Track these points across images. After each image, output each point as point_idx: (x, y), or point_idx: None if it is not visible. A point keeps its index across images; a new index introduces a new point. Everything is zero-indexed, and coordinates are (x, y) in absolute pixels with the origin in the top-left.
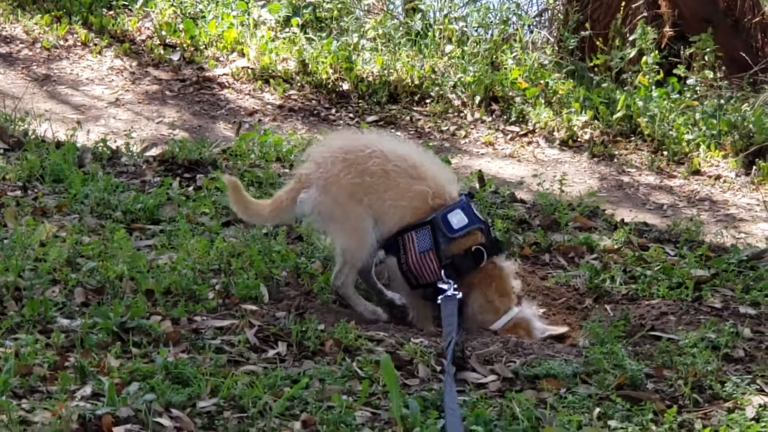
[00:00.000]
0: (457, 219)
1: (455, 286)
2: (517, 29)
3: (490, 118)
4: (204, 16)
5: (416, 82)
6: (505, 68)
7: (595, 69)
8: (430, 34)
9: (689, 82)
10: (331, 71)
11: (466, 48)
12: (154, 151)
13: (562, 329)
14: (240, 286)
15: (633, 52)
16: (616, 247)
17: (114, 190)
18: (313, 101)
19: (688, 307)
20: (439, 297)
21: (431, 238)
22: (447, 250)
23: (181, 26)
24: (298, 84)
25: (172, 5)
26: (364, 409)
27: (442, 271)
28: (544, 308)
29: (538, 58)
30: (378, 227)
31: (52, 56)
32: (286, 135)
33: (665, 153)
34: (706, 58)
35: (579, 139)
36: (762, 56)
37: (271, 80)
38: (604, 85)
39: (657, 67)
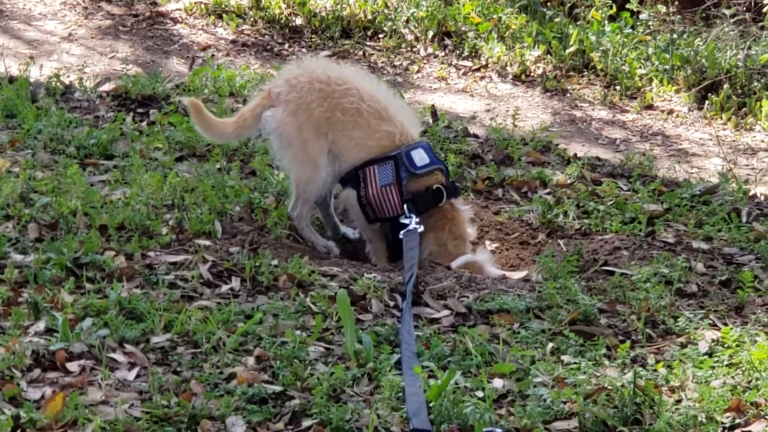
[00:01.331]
0: (420, 157)
1: (417, 220)
2: None
3: (442, 53)
4: None
5: (369, 17)
6: (458, 3)
7: (548, 4)
8: None
9: (642, 16)
10: (284, 6)
11: None
12: (107, 87)
13: (520, 274)
14: (193, 221)
15: None
16: (569, 181)
17: (67, 126)
18: (266, 36)
19: (641, 242)
20: (401, 231)
21: (394, 173)
22: (408, 186)
23: None
24: (251, 19)
25: None
26: (317, 344)
27: (405, 206)
28: (497, 243)
29: None
30: (338, 163)
31: None
32: (239, 70)
33: (618, 88)
34: None
35: (532, 74)
36: None
37: (224, 15)
38: (557, 19)
39: (609, 1)
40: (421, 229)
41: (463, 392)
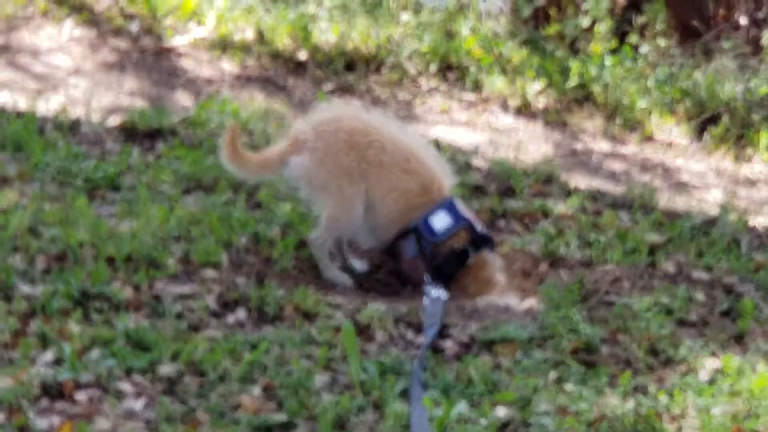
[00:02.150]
0: (440, 221)
1: (442, 289)
2: None
3: (445, 87)
4: None
5: (372, 51)
6: (460, 37)
7: (549, 38)
8: (385, 3)
9: (642, 50)
10: (288, 41)
11: (421, 18)
12: (114, 120)
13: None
14: (200, 252)
15: (586, 21)
16: (570, 213)
17: (75, 159)
18: (271, 70)
19: (642, 272)
20: (425, 299)
21: (416, 244)
22: (434, 253)
23: None
24: (256, 53)
25: None
26: (322, 373)
27: (425, 277)
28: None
29: (493, 28)
30: (369, 212)
31: (11, 26)
32: (244, 104)
33: (618, 120)
34: (658, 26)
35: (533, 107)
36: (714, 24)
37: (229, 50)
38: (558, 53)
39: (610, 35)
40: (444, 297)
41: (467, 421)
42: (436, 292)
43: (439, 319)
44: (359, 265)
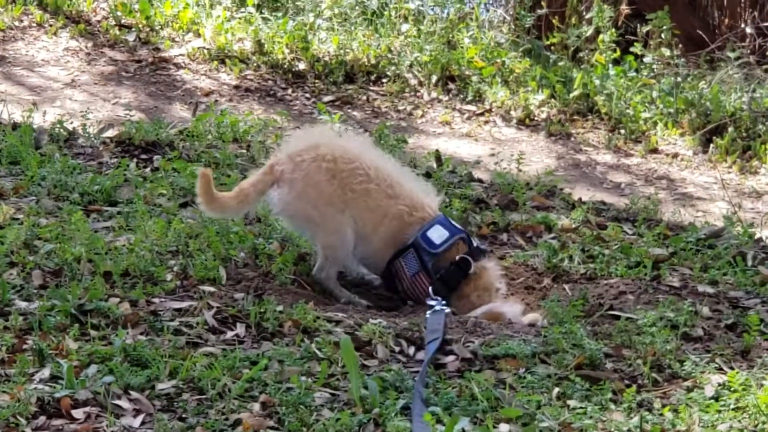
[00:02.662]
0: (438, 234)
1: (444, 302)
2: (473, 8)
3: (446, 98)
4: None
5: (372, 61)
6: (462, 47)
7: (552, 47)
8: (386, 13)
9: (646, 60)
10: (287, 51)
11: (422, 27)
12: (110, 133)
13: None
14: (198, 267)
15: (589, 31)
16: (573, 226)
17: (71, 172)
18: (270, 81)
19: (647, 286)
20: (427, 312)
21: (417, 260)
22: (435, 266)
23: (137, 6)
24: (254, 64)
25: None
26: (323, 390)
27: (431, 288)
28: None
29: (495, 37)
30: (359, 242)
31: (7, 37)
32: (242, 115)
33: (622, 131)
34: (662, 35)
35: (536, 118)
36: (718, 34)
37: (227, 60)
38: (561, 63)
39: (614, 45)
40: (447, 310)
41: None
42: (439, 305)
43: (441, 333)
44: (375, 278)
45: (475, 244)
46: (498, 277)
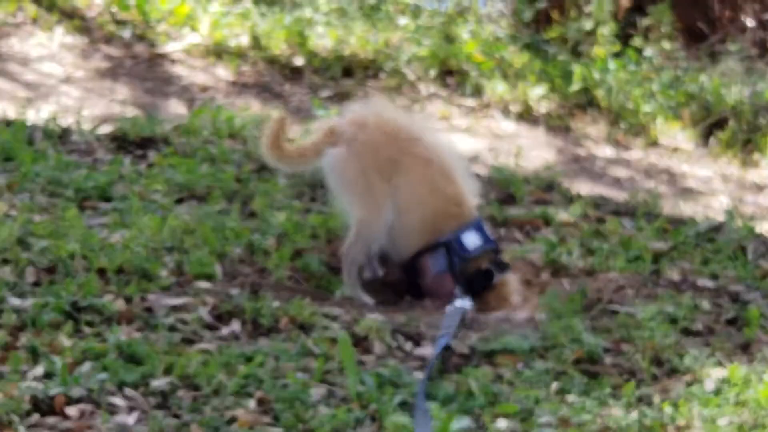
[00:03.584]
0: (472, 240)
1: (470, 302)
2: (471, 1)
3: (445, 92)
4: None
5: (370, 56)
6: (460, 41)
7: (551, 41)
8: (383, 7)
9: (646, 53)
10: (284, 46)
11: (420, 21)
12: (105, 129)
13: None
14: (193, 263)
15: (589, 24)
16: (572, 220)
17: (65, 168)
18: (267, 77)
19: (646, 280)
20: (447, 307)
21: (446, 259)
22: (462, 271)
23: (132, 2)
24: (251, 59)
25: None
26: (319, 386)
27: (456, 289)
28: None
29: (494, 31)
30: (396, 216)
31: (1, 33)
32: (239, 111)
33: (622, 125)
34: (663, 29)
35: (535, 112)
36: (719, 27)
37: (224, 56)
38: (561, 57)
39: (614, 38)
40: (468, 306)
41: None
42: (462, 303)
43: (453, 330)
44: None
45: (501, 258)
46: (517, 290)
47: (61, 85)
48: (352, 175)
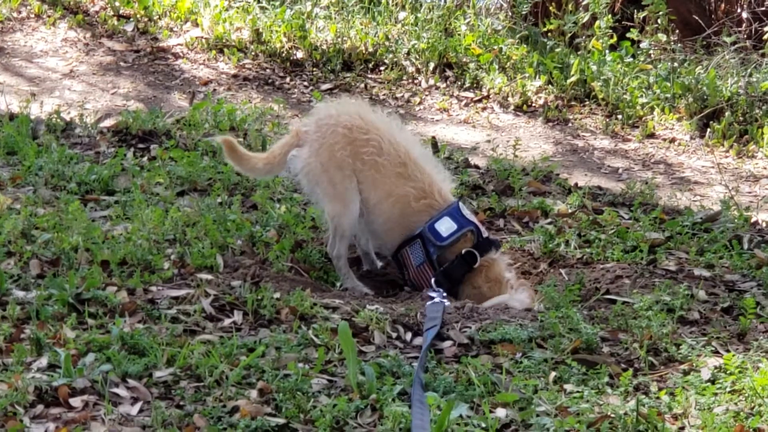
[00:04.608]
0: (446, 226)
1: (444, 294)
2: None
3: (444, 85)
4: None
5: (370, 49)
6: (459, 34)
7: (549, 34)
8: (383, 1)
9: (643, 45)
10: (285, 40)
11: (419, 15)
12: (108, 122)
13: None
14: (195, 255)
15: (586, 17)
16: (570, 211)
17: (68, 162)
18: (268, 70)
19: (643, 270)
20: (427, 303)
21: (423, 251)
22: (441, 259)
23: None
24: (252, 53)
25: None
26: (320, 376)
27: (433, 280)
28: None
29: (492, 24)
30: (365, 217)
31: (5, 28)
32: (240, 104)
33: (619, 117)
34: (659, 21)
35: (533, 104)
36: (715, 19)
37: (226, 50)
38: (558, 49)
39: (610, 31)
40: (447, 303)
41: (467, 423)
42: (439, 296)
43: (439, 321)
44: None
45: (485, 236)
46: (507, 268)
47: (64, 80)
48: (313, 172)
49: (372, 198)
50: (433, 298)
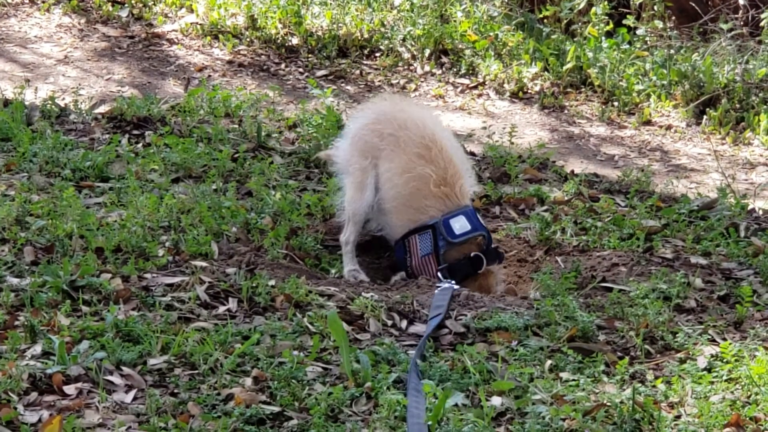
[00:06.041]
0: (460, 225)
1: (453, 282)
2: None
3: (440, 71)
4: None
5: (365, 35)
6: (455, 21)
7: (545, 20)
8: None
9: (639, 32)
10: (280, 26)
11: (414, 1)
12: (102, 109)
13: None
14: (190, 242)
15: (582, 3)
16: (566, 198)
17: (63, 148)
18: (263, 56)
19: (639, 257)
20: (436, 288)
21: (432, 242)
22: (447, 255)
23: None
24: (248, 39)
25: None
26: (315, 364)
27: (440, 273)
28: None
29: (487, 10)
30: (378, 192)
31: None
32: (235, 90)
33: (616, 104)
34: (655, 8)
35: (529, 91)
36: (711, 6)
37: (221, 36)
38: (554, 36)
39: (606, 17)
40: (456, 287)
41: (462, 411)
42: (448, 283)
43: (444, 310)
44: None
45: (494, 245)
46: (500, 281)
47: (58, 66)
48: (343, 159)
49: (384, 171)
50: (440, 284)
